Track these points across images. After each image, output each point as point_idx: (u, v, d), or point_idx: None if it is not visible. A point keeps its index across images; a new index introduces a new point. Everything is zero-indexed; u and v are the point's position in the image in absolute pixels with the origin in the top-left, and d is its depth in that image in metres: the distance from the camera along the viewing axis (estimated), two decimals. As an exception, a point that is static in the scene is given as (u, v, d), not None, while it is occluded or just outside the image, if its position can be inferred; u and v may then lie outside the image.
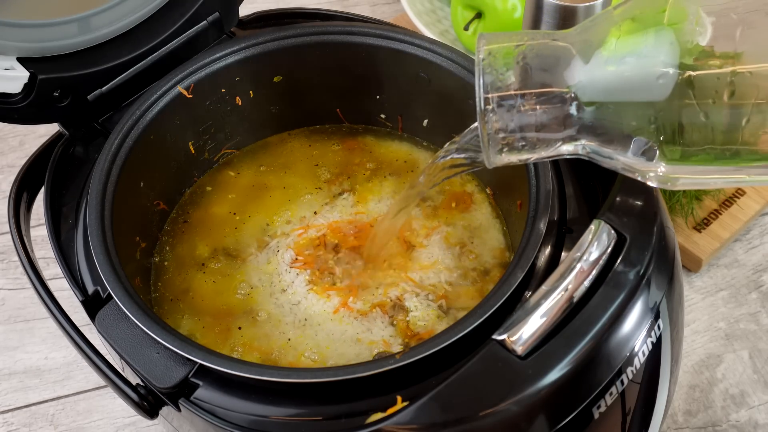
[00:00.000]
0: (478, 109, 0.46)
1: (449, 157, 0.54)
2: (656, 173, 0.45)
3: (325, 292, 0.61)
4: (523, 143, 0.46)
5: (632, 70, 0.43)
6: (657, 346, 0.52)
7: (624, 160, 0.45)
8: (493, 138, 0.46)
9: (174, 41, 0.67)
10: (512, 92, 0.46)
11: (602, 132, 0.45)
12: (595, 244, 0.50)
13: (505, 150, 0.47)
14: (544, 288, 0.49)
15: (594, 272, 0.49)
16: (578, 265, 0.49)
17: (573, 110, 0.45)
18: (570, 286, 0.48)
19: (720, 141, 0.42)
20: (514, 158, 0.48)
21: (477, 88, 0.46)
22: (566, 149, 0.47)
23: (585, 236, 0.51)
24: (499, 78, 0.46)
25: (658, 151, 0.44)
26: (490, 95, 0.46)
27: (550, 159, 0.48)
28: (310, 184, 0.69)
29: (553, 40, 0.46)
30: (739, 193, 0.85)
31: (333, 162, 0.71)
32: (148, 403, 0.51)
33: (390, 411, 0.47)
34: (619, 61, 0.44)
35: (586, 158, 0.47)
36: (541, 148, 0.47)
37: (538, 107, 0.45)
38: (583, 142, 0.46)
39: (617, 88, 0.44)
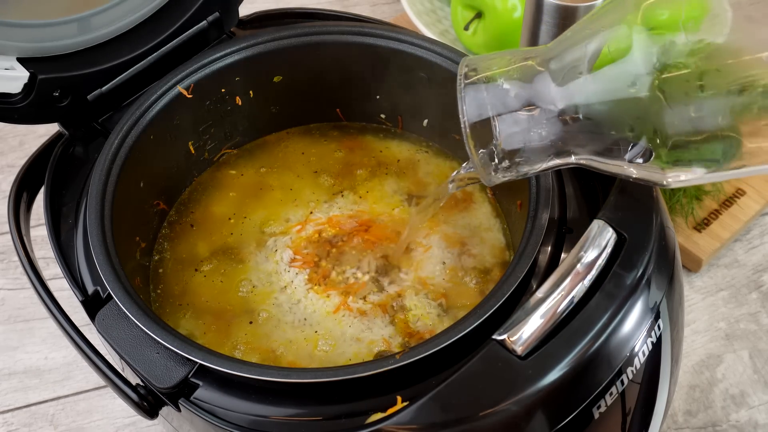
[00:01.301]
0: (464, 134, 0.47)
1: (467, 170, 0.55)
2: (651, 175, 0.45)
3: (325, 292, 0.61)
4: (517, 161, 0.48)
5: (607, 81, 0.44)
6: (657, 346, 0.52)
7: (618, 165, 0.46)
8: (485, 159, 0.48)
9: (174, 41, 0.67)
10: (496, 115, 0.47)
11: (590, 141, 0.46)
12: (595, 244, 0.50)
13: (500, 169, 0.48)
14: (544, 288, 0.49)
15: (594, 272, 0.49)
16: (578, 265, 0.49)
17: (558, 124, 0.46)
18: (570, 286, 0.48)
19: (705, 139, 0.43)
20: (510, 175, 0.49)
21: (461, 116, 0.47)
22: (561, 161, 0.48)
23: (585, 236, 0.51)
24: (482, 103, 0.47)
25: (649, 153, 0.44)
26: (475, 120, 0.47)
27: (548, 171, 0.49)
28: (309, 183, 0.69)
29: (527, 59, 0.47)
30: (739, 193, 0.85)
31: (333, 161, 0.71)
32: (148, 403, 0.51)
33: (390, 411, 0.47)
34: (594, 74, 0.44)
35: (582, 166, 0.47)
36: (534, 163, 0.48)
37: (523, 126, 0.46)
38: (575, 152, 0.46)
39: (596, 100, 0.45)
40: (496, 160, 0.48)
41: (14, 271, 0.87)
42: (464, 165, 0.55)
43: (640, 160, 0.44)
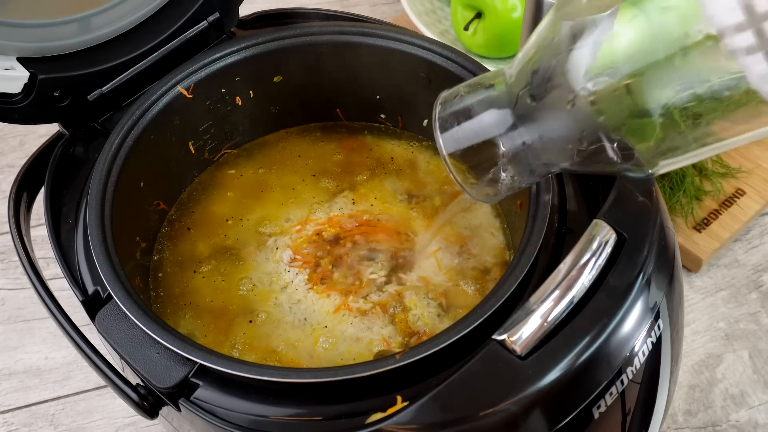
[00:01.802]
0: (448, 169, 0.50)
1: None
2: (631, 169, 0.46)
3: (325, 292, 0.61)
4: (502, 180, 0.50)
5: (549, 102, 0.45)
6: (657, 346, 0.52)
7: (597, 167, 0.46)
8: (469, 184, 0.50)
9: (174, 41, 0.67)
10: (470, 145, 0.49)
11: (558, 154, 0.47)
12: (595, 244, 0.50)
13: (490, 189, 0.50)
14: (544, 288, 0.49)
15: (594, 272, 0.49)
16: (578, 265, 0.49)
17: (524, 146, 0.47)
18: (570, 286, 0.48)
19: (658, 136, 0.44)
20: (502, 191, 0.51)
21: (440, 149, 0.49)
22: (544, 171, 0.49)
23: (585, 236, 0.51)
24: (456, 137, 0.49)
25: (621, 153, 0.45)
26: (452, 151, 0.49)
27: (537, 181, 0.51)
28: (309, 183, 0.69)
29: (487, 85, 0.49)
30: (738, 193, 0.85)
31: (333, 161, 0.71)
32: (148, 403, 0.51)
33: (390, 411, 0.47)
34: (540, 94, 0.46)
35: (567, 171, 0.49)
36: (518, 181, 0.50)
37: (495, 149, 0.48)
38: (552, 164, 0.48)
39: (545, 122, 0.46)
40: (502, 178, 0.50)
41: (14, 271, 0.87)
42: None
43: (616, 159, 0.45)
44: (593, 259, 0.50)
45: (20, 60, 0.59)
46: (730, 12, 0.36)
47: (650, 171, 0.46)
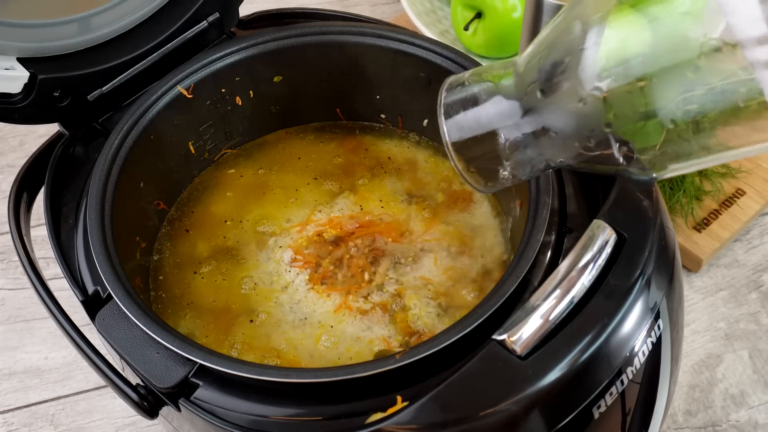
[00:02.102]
0: (450, 155, 0.50)
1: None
2: (634, 171, 0.46)
3: (325, 292, 0.61)
4: (503, 171, 0.49)
5: (559, 99, 0.45)
6: (657, 346, 0.52)
7: (602, 167, 0.46)
8: (470, 173, 0.50)
9: (174, 41, 0.67)
10: (474, 134, 0.49)
11: (563, 151, 0.47)
12: (595, 244, 0.50)
13: (491, 179, 0.50)
14: (544, 288, 0.49)
15: (594, 272, 0.49)
16: (578, 265, 0.49)
17: (529, 138, 0.47)
18: (570, 286, 0.48)
19: (668, 141, 0.43)
20: (503, 182, 0.50)
21: (443, 135, 0.49)
22: (546, 165, 0.49)
23: (585, 236, 0.51)
24: (461, 126, 0.49)
25: (625, 155, 0.45)
26: (456, 140, 0.49)
27: (538, 174, 0.50)
28: (310, 184, 0.69)
29: (496, 74, 0.49)
30: (738, 193, 0.85)
31: (333, 161, 0.71)
32: (148, 403, 0.51)
33: (390, 411, 0.47)
34: (548, 93, 0.45)
35: (570, 168, 0.49)
36: (520, 173, 0.49)
37: (499, 140, 0.48)
38: (554, 160, 0.48)
39: (554, 117, 0.46)
40: (503, 169, 0.49)
41: (14, 271, 0.87)
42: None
43: (621, 160, 0.45)
44: (593, 260, 0.50)
45: (20, 60, 0.59)
46: (753, 24, 0.36)
47: (654, 175, 0.46)
